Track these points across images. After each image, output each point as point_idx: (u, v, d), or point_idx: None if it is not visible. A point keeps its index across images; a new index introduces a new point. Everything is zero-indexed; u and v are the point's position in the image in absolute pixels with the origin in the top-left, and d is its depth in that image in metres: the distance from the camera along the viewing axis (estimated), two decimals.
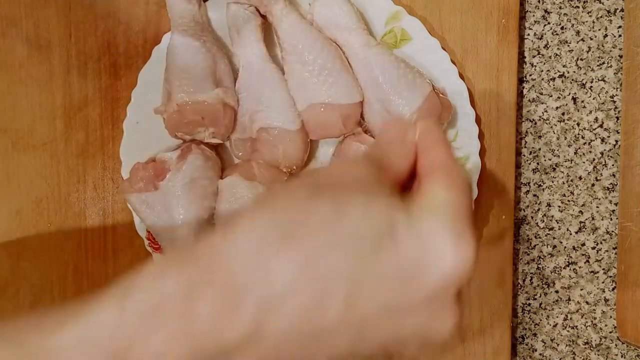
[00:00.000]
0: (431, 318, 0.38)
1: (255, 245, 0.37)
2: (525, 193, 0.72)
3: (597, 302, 0.72)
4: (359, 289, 0.37)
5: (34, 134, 0.69)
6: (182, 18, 0.65)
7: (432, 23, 0.69)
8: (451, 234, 0.38)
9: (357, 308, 0.37)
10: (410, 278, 0.37)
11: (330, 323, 0.37)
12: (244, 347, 0.37)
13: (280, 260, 0.36)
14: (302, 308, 0.36)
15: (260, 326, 0.36)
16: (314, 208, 0.38)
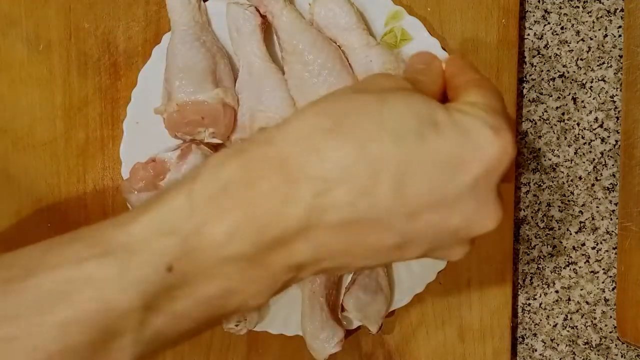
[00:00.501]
0: (477, 208, 0.40)
1: (307, 132, 0.38)
2: (525, 193, 0.72)
3: (597, 302, 0.72)
4: (407, 174, 0.38)
5: (34, 134, 0.69)
6: (182, 18, 0.65)
7: (432, 23, 0.69)
8: (490, 126, 0.39)
9: (406, 194, 0.38)
10: (455, 165, 0.38)
11: (380, 210, 0.38)
12: (303, 233, 0.38)
13: (331, 144, 0.38)
14: (354, 192, 0.37)
15: (315, 212, 0.37)
16: (361, 99, 0.40)
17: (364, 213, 0.38)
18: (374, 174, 0.38)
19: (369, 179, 0.38)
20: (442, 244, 0.41)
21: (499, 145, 0.39)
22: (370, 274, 0.66)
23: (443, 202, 0.39)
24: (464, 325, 0.70)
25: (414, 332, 0.70)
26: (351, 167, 0.38)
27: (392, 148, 0.38)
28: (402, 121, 0.38)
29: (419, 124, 0.38)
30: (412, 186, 0.38)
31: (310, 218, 0.38)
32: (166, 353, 0.70)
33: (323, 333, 0.65)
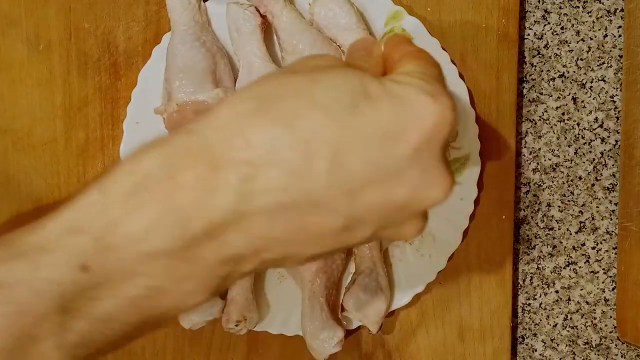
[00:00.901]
0: (422, 179, 0.37)
1: (232, 117, 0.36)
2: (525, 193, 0.72)
3: (597, 302, 0.72)
4: (342, 150, 0.36)
5: (34, 134, 0.69)
6: (182, 18, 0.65)
7: (432, 23, 0.69)
8: (426, 91, 0.37)
9: (343, 171, 0.36)
10: (392, 136, 0.36)
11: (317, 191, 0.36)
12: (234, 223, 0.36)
13: (258, 126, 0.36)
14: (286, 174, 0.35)
15: (245, 198, 0.35)
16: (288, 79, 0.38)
17: (300, 196, 0.36)
18: (306, 154, 0.35)
19: (301, 159, 0.35)
20: (392, 222, 0.39)
21: (436, 111, 0.37)
22: (370, 273, 0.66)
23: (384, 176, 0.36)
24: (464, 325, 0.70)
25: (414, 332, 0.70)
26: (281, 148, 0.35)
27: (323, 124, 0.36)
28: (333, 96, 0.36)
29: (351, 97, 0.36)
30: (349, 162, 0.36)
31: (239, 206, 0.35)
32: (166, 353, 0.70)
33: (323, 333, 0.65)
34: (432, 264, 0.68)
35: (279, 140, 0.35)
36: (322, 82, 0.37)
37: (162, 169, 0.36)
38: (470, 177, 0.67)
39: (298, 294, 0.67)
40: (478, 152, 0.67)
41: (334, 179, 0.36)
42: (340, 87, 0.37)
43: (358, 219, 0.37)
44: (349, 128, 0.36)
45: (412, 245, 0.68)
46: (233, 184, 0.35)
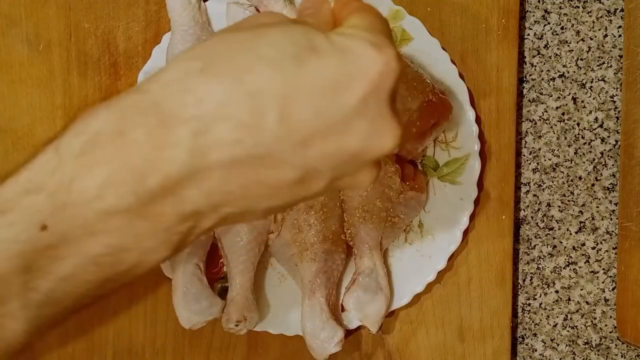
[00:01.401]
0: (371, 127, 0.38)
1: (179, 75, 0.37)
2: (525, 193, 0.72)
3: (597, 302, 0.72)
4: (290, 101, 0.36)
5: (34, 134, 0.69)
6: (182, 18, 0.65)
7: (432, 23, 0.69)
8: (371, 42, 0.38)
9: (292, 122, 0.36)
10: (338, 86, 0.37)
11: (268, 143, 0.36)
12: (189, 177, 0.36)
13: (205, 82, 0.36)
14: (237, 128, 0.36)
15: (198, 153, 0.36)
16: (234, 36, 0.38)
17: (252, 148, 0.36)
18: (255, 107, 0.36)
19: (250, 112, 0.36)
20: (345, 171, 0.39)
21: (381, 61, 0.37)
22: (370, 274, 0.66)
23: (333, 125, 0.37)
24: (464, 325, 0.70)
25: (414, 332, 0.70)
26: (229, 102, 0.36)
27: (270, 77, 0.36)
28: (278, 49, 0.37)
29: (296, 49, 0.37)
30: (298, 113, 0.36)
31: (193, 160, 0.36)
32: (166, 353, 0.70)
33: (323, 333, 0.65)
34: (432, 264, 0.68)
35: (227, 95, 0.36)
36: (266, 37, 0.38)
37: (113, 126, 0.36)
38: (470, 177, 0.67)
39: (298, 294, 0.67)
40: (478, 152, 0.67)
41: (284, 131, 0.36)
42: (285, 40, 0.37)
43: (311, 170, 0.38)
44: (296, 80, 0.36)
45: (412, 245, 0.68)
46: (185, 139, 0.35)
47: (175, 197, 0.36)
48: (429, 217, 0.68)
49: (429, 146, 0.67)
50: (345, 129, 0.37)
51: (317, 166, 0.38)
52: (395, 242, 0.68)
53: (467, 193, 0.67)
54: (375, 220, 0.65)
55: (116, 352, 0.70)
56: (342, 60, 0.37)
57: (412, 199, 0.66)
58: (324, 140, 0.37)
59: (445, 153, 0.68)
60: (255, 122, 0.36)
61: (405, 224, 0.68)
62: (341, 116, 0.37)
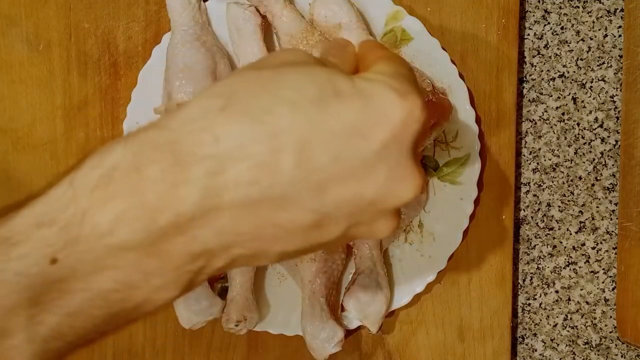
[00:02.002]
0: (390, 176, 0.37)
1: (199, 113, 0.36)
2: (525, 193, 0.72)
3: (597, 302, 0.72)
4: (309, 144, 0.36)
5: (34, 134, 0.69)
6: (182, 18, 0.65)
7: (432, 23, 0.69)
8: (396, 90, 0.37)
9: (310, 166, 0.36)
10: (360, 131, 0.36)
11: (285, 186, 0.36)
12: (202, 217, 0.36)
13: (225, 121, 0.36)
14: (253, 168, 0.35)
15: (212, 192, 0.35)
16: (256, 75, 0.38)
17: (268, 190, 0.36)
18: (274, 148, 0.35)
19: (269, 154, 0.35)
20: (362, 219, 0.38)
21: (405, 109, 0.37)
22: (370, 274, 0.66)
23: (352, 172, 0.37)
24: (464, 325, 0.70)
25: (414, 332, 0.70)
26: (248, 142, 0.35)
27: (290, 119, 0.36)
28: (300, 91, 0.36)
29: (318, 92, 0.36)
30: (316, 157, 0.36)
31: (207, 200, 0.35)
32: (166, 353, 0.70)
33: (323, 333, 0.65)
34: (432, 264, 0.68)
35: (246, 135, 0.35)
36: (288, 77, 0.37)
37: (129, 161, 0.36)
38: (470, 177, 0.67)
39: (298, 294, 0.67)
40: (478, 152, 0.67)
41: (302, 174, 0.36)
42: (307, 82, 0.37)
43: (327, 216, 0.37)
44: (316, 123, 0.36)
45: (412, 245, 0.68)
46: (200, 178, 0.35)
47: (186, 235, 0.36)
48: (429, 217, 0.68)
49: (429, 146, 0.67)
50: (364, 176, 0.37)
51: (333, 212, 0.37)
52: (395, 242, 0.68)
53: (467, 193, 0.67)
54: None
55: (116, 352, 0.70)
56: (365, 105, 0.37)
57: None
58: (341, 185, 0.37)
59: (445, 153, 0.68)
60: (273, 163, 0.35)
61: (405, 224, 0.68)
62: (360, 162, 0.37)
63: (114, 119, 0.69)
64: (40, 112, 0.70)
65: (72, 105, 0.70)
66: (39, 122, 0.69)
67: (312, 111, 0.36)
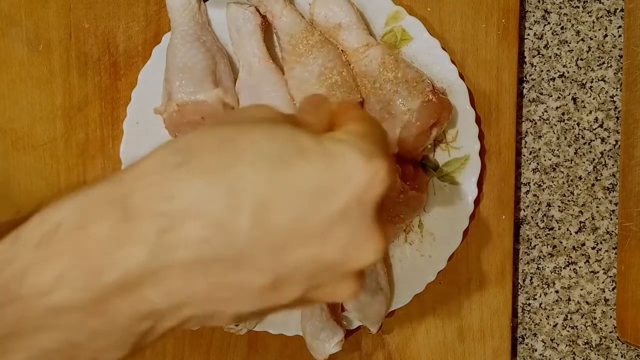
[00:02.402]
0: (351, 239, 0.36)
1: (155, 168, 0.35)
2: (525, 193, 0.72)
3: (597, 302, 0.72)
4: (269, 204, 0.34)
5: (34, 134, 0.69)
6: (182, 18, 0.65)
7: (432, 23, 0.69)
8: (362, 152, 0.36)
9: (269, 226, 0.34)
10: (322, 193, 0.35)
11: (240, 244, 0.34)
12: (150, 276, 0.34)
13: (181, 177, 0.34)
14: (207, 227, 0.34)
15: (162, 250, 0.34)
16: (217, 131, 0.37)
17: (222, 250, 0.34)
18: (230, 207, 0.34)
19: (225, 213, 0.34)
20: (322, 281, 0.37)
21: (369, 171, 0.36)
22: (370, 274, 0.66)
23: (312, 233, 0.35)
24: (464, 325, 0.70)
25: (414, 332, 0.70)
26: (203, 200, 0.34)
27: (249, 178, 0.34)
28: (262, 149, 0.35)
29: (281, 150, 0.35)
30: (275, 217, 0.34)
31: (157, 258, 0.34)
32: (166, 353, 0.70)
33: (323, 333, 0.65)
34: (432, 264, 0.68)
35: (202, 193, 0.34)
36: (250, 135, 0.36)
37: (74, 218, 0.34)
38: (470, 177, 0.67)
39: None
40: (478, 152, 0.67)
41: (259, 234, 0.34)
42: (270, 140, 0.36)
43: (285, 278, 0.36)
44: (276, 183, 0.35)
45: (412, 245, 0.68)
46: (149, 236, 0.34)
47: (133, 295, 0.34)
48: (429, 217, 0.68)
49: (429, 146, 0.67)
50: (324, 238, 0.35)
51: (290, 274, 0.36)
52: (395, 242, 0.68)
53: (467, 193, 0.67)
54: None
55: None
56: (329, 165, 0.35)
57: (412, 199, 0.66)
58: (300, 247, 0.35)
59: (445, 153, 0.68)
60: (229, 222, 0.34)
61: (405, 224, 0.68)
62: (321, 224, 0.35)
63: (114, 119, 0.69)
64: (40, 112, 0.70)
65: (72, 105, 0.70)
66: (39, 122, 0.69)
67: (272, 170, 0.35)
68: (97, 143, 0.70)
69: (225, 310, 0.37)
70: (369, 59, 0.65)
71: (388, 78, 0.64)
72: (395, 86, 0.64)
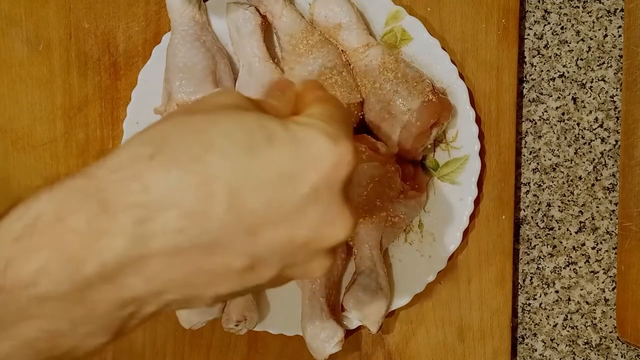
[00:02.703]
0: (322, 218, 0.38)
1: (128, 161, 0.36)
2: (525, 193, 0.72)
3: (597, 302, 0.72)
4: (241, 189, 0.36)
5: (34, 134, 0.69)
6: (182, 18, 0.65)
7: (432, 23, 0.69)
8: (327, 134, 0.38)
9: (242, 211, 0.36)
10: (291, 175, 0.37)
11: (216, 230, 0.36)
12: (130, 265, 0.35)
13: (154, 169, 0.36)
14: (183, 216, 0.35)
15: (139, 241, 0.35)
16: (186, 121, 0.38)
17: (198, 237, 0.36)
18: (204, 195, 0.35)
19: (198, 201, 0.35)
20: (296, 260, 0.39)
21: (335, 153, 0.38)
22: (370, 274, 0.66)
23: (284, 215, 0.37)
24: (464, 325, 0.70)
25: (414, 332, 0.70)
26: (177, 190, 0.35)
27: (221, 166, 0.36)
28: (231, 137, 0.37)
29: (250, 137, 0.37)
30: (247, 203, 0.36)
31: (135, 248, 0.35)
32: (166, 353, 0.70)
33: (323, 333, 0.65)
34: (432, 264, 0.68)
35: (175, 183, 0.35)
36: (219, 124, 0.37)
37: (53, 211, 0.36)
38: (470, 177, 0.67)
39: (298, 294, 0.67)
40: (478, 152, 0.67)
41: (233, 220, 0.36)
42: (238, 128, 0.37)
43: (261, 259, 0.38)
44: (247, 169, 0.36)
45: (412, 245, 0.68)
46: (127, 227, 0.35)
47: (114, 283, 0.36)
48: (429, 217, 0.68)
49: (429, 146, 0.67)
50: (296, 219, 0.37)
51: (266, 255, 0.38)
52: (395, 242, 0.68)
53: (467, 193, 0.67)
54: (375, 220, 0.65)
55: (116, 353, 0.70)
56: (297, 149, 0.37)
57: (412, 199, 0.66)
58: (273, 229, 0.37)
59: (445, 153, 0.68)
60: (203, 211, 0.35)
61: (405, 224, 0.68)
62: (292, 206, 0.37)
63: (114, 119, 0.69)
64: (40, 112, 0.70)
65: (72, 105, 0.70)
66: (39, 122, 0.69)
67: (243, 157, 0.36)
68: (97, 143, 0.70)
69: (204, 294, 0.38)
70: (369, 59, 0.65)
71: (388, 78, 0.64)
72: (395, 86, 0.64)
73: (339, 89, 0.64)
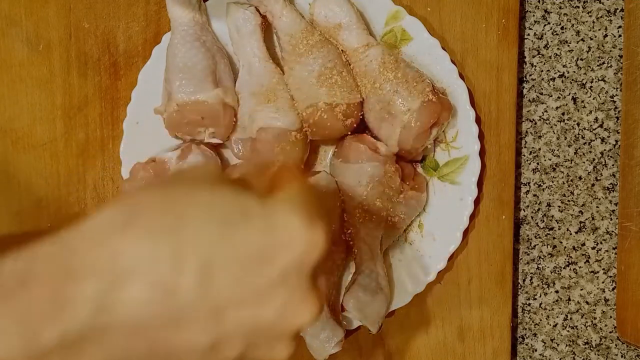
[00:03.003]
0: (288, 302, 0.38)
1: (100, 228, 0.36)
2: (525, 193, 0.72)
3: (597, 302, 0.72)
4: (211, 265, 0.36)
5: (34, 134, 0.69)
6: (182, 18, 0.65)
7: (432, 23, 0.69)
8: (302, 218, 0.38)
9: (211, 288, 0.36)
10: (263, 257, 0.37)
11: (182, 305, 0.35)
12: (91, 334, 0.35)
13: (126, 238, 0.35)
14: (150, 287, 0.35)
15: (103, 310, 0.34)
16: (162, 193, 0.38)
17: (164, 310, 0.35)
18: (174, 268, 0.35)
19: (168, 274, 0.35)
20: (259, 342, 0.38)
21: (308, 237, 0.38)
22: (370, 274, 0.66)
23: (251, 296, 0.37)
24: (464, 325, 0.70)
25: (414, 332, 0.70)
26: (147, 261, 0.35)
27: (195, 239, 0.35)
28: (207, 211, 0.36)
29: (225, 213, 0.37)
30: (218, 280, 0.36)
31: (97, 317, 0.34)
32: None
33: (323, 333, 0.65)
34: (432, 264, 0.68)
35: (146, 254, 0.35)
36: (195, 197, 0.37)
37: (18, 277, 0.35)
38: (470, 177, 0.67)
39: None
40: (478, 152, 0.67)
41: (201, 296, 0.36)
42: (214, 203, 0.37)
43: (224, 337, 0.37)
44: (220, 245, 0.36)
45: (412, 245, 0.68)
46: (91, 296, 0.34)
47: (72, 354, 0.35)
48: (429, 217, 0.68)
49: (429, 146, 0.67)
50: (263, 301, 0.37)
51: (230, 335, 0.37)
52: (395, 242, 0.68)
53: (467, 193, 0.67)
54: (375, 220, 0.65)
55: None
56: (271, 230, 0.37)
57: (412, 199, 0.66)
58: (240, 309, 0.37)
59: (445, 153, 0.68)
60: (171, 284, 0.35)
61: (405, 224, 0.68)
62: (260, 287, 0.37)
63: (114, 119, 0.69)
64: (40, 112, 0.70)
65: (72, 105, 0.70)
66: (39, 122, 0.69)
67: (216, 233, 0.36)
68: (97, 143, 0.70)
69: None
70: (369, 59, 0.65)
71: (388, 78, 0.64)
72: (395, 86, 0.64)
73: (339, 89, 0.64)
